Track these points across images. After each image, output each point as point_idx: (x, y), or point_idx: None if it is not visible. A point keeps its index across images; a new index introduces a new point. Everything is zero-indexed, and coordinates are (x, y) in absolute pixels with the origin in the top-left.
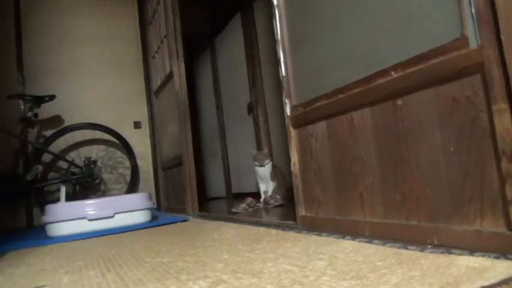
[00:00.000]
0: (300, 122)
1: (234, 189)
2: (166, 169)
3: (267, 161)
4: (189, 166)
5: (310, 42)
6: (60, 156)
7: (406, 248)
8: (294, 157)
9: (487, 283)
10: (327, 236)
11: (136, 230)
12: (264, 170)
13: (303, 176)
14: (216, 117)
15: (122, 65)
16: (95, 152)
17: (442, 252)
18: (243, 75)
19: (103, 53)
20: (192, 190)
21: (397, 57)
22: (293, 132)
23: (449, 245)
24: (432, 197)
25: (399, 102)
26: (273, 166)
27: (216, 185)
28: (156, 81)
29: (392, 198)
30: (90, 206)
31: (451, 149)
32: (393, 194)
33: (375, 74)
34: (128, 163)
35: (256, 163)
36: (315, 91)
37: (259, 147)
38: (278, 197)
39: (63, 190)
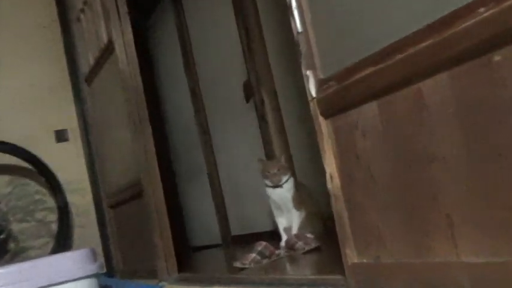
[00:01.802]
0: (335, 105)
1: (235, 230)
2: (118, 205)
3: (285, 177)
4: (155, 197)
5: None
6: None
7: None
8: (330, 165)
9: None
10: None
11: None
12: (282, 193)
13: (349, 195)
14: (192, 111)
15: (25, 44)
16: None
17: None
18: (231, 38)
19: None
20: (164, 237)
21: None
22: (324, 124)
23: None
24: None
25: (497, 57)
26: (297, 184)
27: (204, 224)
28: (87, 59)
29: (501, 216)
30: None
31: None
32: (503, 211)
33: (452, 14)
34: (51, 202)
35: (268, 182)
36: (355, 52)
37: (269, 155)
38: (309, 235)
39: None
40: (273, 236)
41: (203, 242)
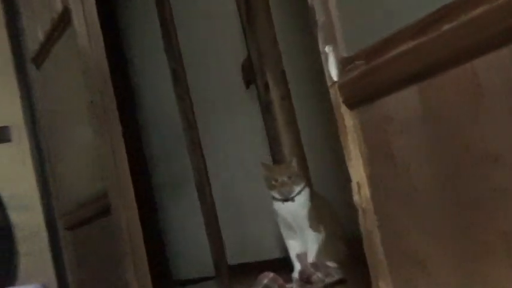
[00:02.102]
0: (362, 92)
1: (233, 257)
2: (77, 226)
3: (297, 188)
4: (127, 214)
5: None
6: None
7: None
8: (357, 170)
9: None
10: None
11: None
12: (294, 209)
13: (381, 209)
14: (174, 100)
15: None
16: None
17: None
18: (226, 4)
19: None
20: (139, 267)
21: None
22: (348, 117)
23: None
24: None
25: None
26: (313, 197)
27: (192, 251)
28: (35, 34)
29: None
30: None
31: None
32: None
33: None
34: None
35: (275, 194)
36: (390, 21)
37: (277, 158)
38: (331, 264)
39: None
40: (283, 265)
41: (191, 274)
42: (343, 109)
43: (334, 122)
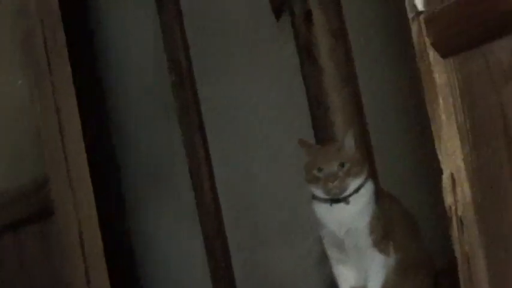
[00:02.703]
0: (463, 31)
1: None
2: None
3: (354, 182)
4: (80, 216)
5: None
6: None
7: None
8: (452, 158)
9: None
10: None
11: None
12: (348, 216)
13: (489, 219)
14: (160, 43)
15: None
16: None
17: None
18: None
19: None
20: None
21: None
22: (441, 69)
23: None
24: None
25: None
26: (379, 197)
27: (184, 284)
28: None
29: None
30: None
31: None
32: None
33: None
34: None
35: (318, 191)
36: None
37: (321, 134)
38: None
39: None
40: None
41: None
42: (432, 56)
43: (418, 77)
